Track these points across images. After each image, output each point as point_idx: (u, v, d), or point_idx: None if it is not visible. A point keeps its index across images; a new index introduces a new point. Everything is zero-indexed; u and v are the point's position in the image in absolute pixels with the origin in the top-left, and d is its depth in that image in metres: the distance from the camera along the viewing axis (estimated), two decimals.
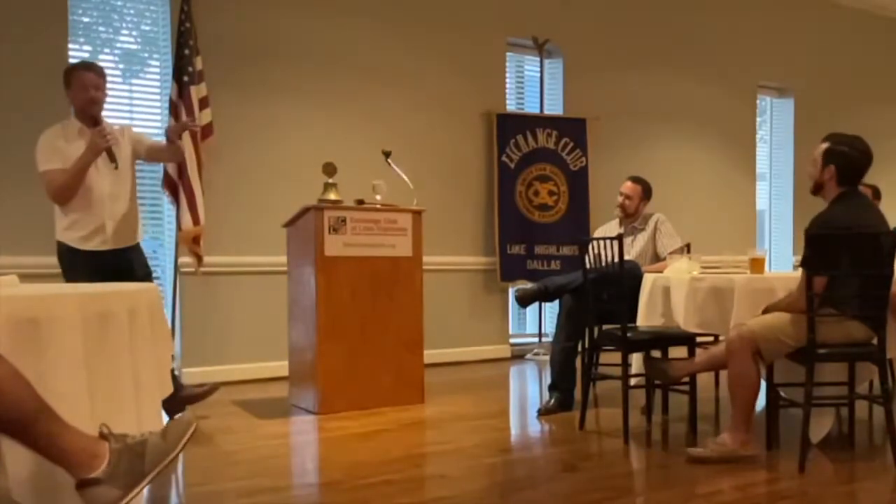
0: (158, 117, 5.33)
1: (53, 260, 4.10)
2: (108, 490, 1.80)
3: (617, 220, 4.90)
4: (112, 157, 3.74)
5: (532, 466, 3.43)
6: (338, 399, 4.25)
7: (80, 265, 3.72)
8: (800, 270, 3.14)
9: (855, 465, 3.30)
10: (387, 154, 4.66)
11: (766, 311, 3.29)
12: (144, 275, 4.00)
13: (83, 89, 3.79)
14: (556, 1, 6.79)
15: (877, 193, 5.41)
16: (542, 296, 4.38)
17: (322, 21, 5.76)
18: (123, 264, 3.84)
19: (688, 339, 3.87)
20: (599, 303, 3.87)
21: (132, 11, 5.39)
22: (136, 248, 4.01)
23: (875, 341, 3.13)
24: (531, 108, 6.96)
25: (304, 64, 5.69)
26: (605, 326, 3.99)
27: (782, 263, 8.26)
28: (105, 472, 1.80)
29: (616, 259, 3.67)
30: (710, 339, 4.21)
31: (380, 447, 3.59)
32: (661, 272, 4.04)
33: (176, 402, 3.89)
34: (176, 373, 4.19)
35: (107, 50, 5.33)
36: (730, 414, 3.26)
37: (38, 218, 4.67)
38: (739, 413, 3.19)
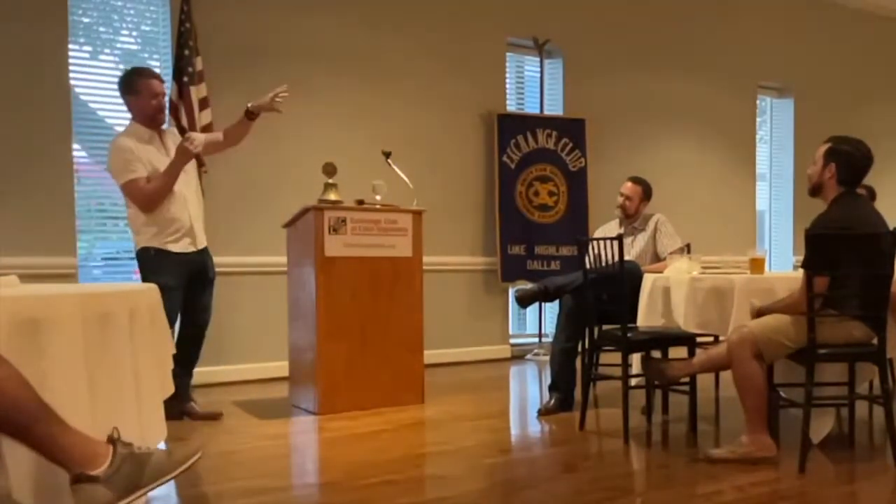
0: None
1: (54, 260, 4.13)
2: (101, 490, 1.80)
3: (617, 221, 4.91)
4: (202, 162, 3.82)
5: (532, 466, 3.42)
6: (338, 399, 4.25)
7: (168, 267, 3.82)
8: (800, 270, 3.14)
9: (855, 465, 3.30)
10: (387, 154, 4.66)
11: (761, 313, 3.28)
12: (214, 275, 4.16)
13: (153, 97, 3.86)
14: (556, 1, 6.79)
15: (872, 195, 5.41)
16: (542, 296, 4.38)
17: (322, 21, 5.76)
18: (201, 265, 4.02)
19: (688, 340, 3.87)
20: (599, 303, 3.87)
21: (132, 11, 5.38)
22: (207, 250, 4.13)
23: (875, 341, 3.13)
24: (531, 108, 6.96)
25: (304, 64, 5.68)
26: (605, 327, 4.00)
27: (782, 263, 8.26)
28: (105, 473, 1.81)
29: (616, 259, 3.67)
30: (710, 339, 4.22)
31: (380, 447, 3.59)
32: (661, 272, 4.04)
33: (178, 408, 3.91)
34: (192, 382, 4.21)
35: (107, 50, 5.33)
36: (743, 417, 3.26)
37: (38, 218, 4.69)
38: (752, 415, 3.19)
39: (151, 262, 3.87)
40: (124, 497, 1.84)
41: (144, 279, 3.86)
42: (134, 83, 3.86)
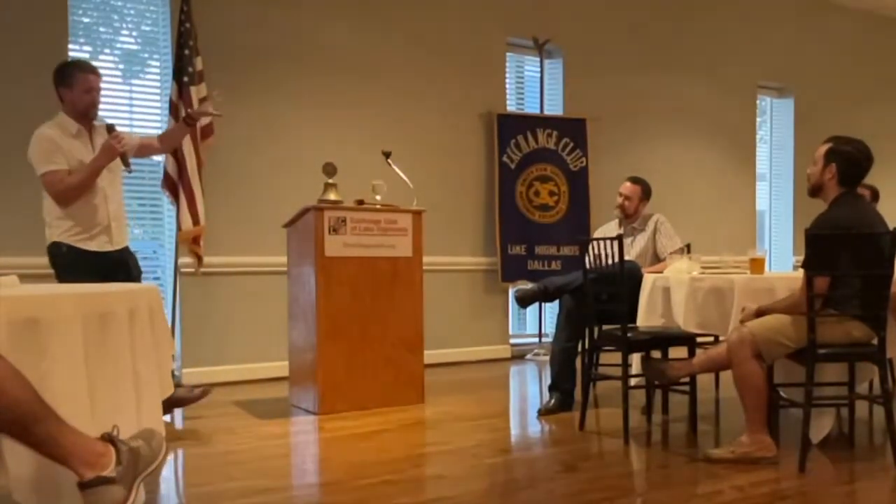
0: (158, 118, 5.33)
1: None
2: (118, 490, 1.82)
3: (616, 221, 4.90)
4: (126, 162, 3.77)
5: (532, 466, 3.43)
6: (338, 399, 4.25)
7: (81, 266, 3.70)
8: (800, 271, 3.14)
9: (855, 465, 3.30)
10: (387, 154, 4.66)
11: (761, 313, 3.27)
12: (138, 274, 4.05)
13: (87, 92, 3.77)
14: (556, 1, 6.79)
15: (875, 195, 5.41)
16: (542, 296, 4.38)
17: (322, 21, 5.76)
18: (121, 264, 3.88)
19: (688, 340, 3.87)
20: (599, 303, 3.87)
21: (132, 11, 5.39)
22: (129, 249, 4.04)
23: (875, 341, 3.13)
24: (531, 108, 6.96)
25: (304, 64, 5.69)
26: (605, 327, 4.00)
27: (782, 263, 8.26)
28: (118, 472, 1.82)
29: (616, 259, 3.67)
30: (710, 339, 4.22)
31: (380, 447, 3.60)
32: (661, 273, 4.04)
33: (167, 404, 3.89)
34: (176, 373, 4.19)
35: (107, 50, 5.33)
36: (743, 417, 3.26)
37: (39, 218, 4.68)
38: (752, 415, 3.19)
39: (63, 260, 3.76)
40: (131, 489, 1.86)
41: (57, 277, 3.77)
42: (69, 75, 3.76)
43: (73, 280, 3.51)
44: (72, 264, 3.73)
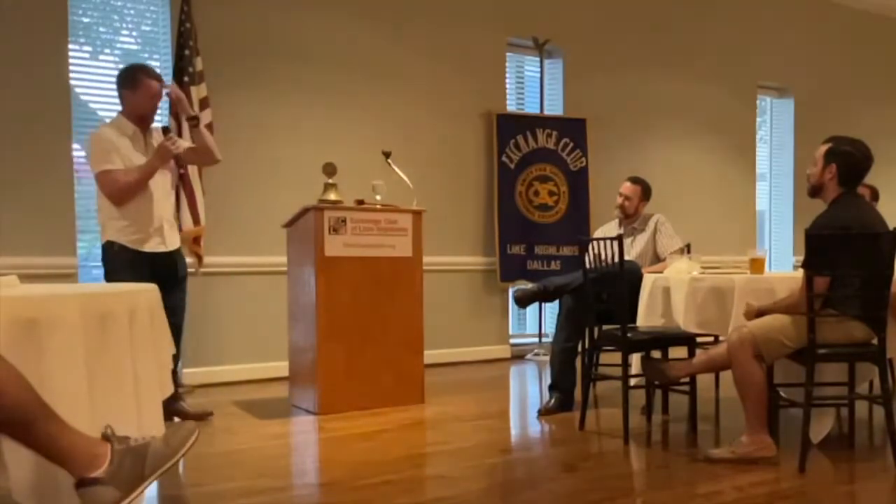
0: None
1: (54, 260, 4.12)
2: (108, 490, 1.80)
3: (616, 221, 4.90)
4: (181, 165, 3.81)
5: (532, 466, 3.42)
6: (338, 399, 4.25)
7: (132, 265, 3.74)
8: (800, 271, 3.14)
9: (855, 465, 3.30)
10: (387, 154, 4.66)
11: (761, 313, 3.27)
12: (185, 275, 4.09)
13: (150, 98, 3.84)
14: (556, 1, 6.79)
15: (875, 195, 5.41)
16: (542, 296, 4.38)
17: (322, 21, 5.76)
18: (170, 265, 3.94)
19: (688, 340, 3.87)
20: (599, 303, 3.87)
21: (132, 11, 5.38)
22: (179, 251, 4.08)
23: (875, 341, 3.13)
24: (531, 108, 6.96)
25: (304, 64, 5.69)
26: (605, 327, 4.00)
27: (782, 264, 8.26)
28: (107, 472, 1.81)
29: (616, 259, 3.67)
30: (710, 339, 4.22)
31: (380, 447, 3.60)
32: (661, 273, 4.04)
33: (167, 407, 3.90)
34: (179, 376, 4.19)
35: (107, 50, 5.33)
36: (743, 417, 3.26)
37: (38, 218, 4.69)
38: (752, 415, 3.19)
39: (115, 258, 3.79)
40: (130, 492, 1.84)
41: (107, 275, 3.80)
42: (136, 79, 3.83)
43: (121, 279, 3.53)
44: (123, 263, 3.77)
